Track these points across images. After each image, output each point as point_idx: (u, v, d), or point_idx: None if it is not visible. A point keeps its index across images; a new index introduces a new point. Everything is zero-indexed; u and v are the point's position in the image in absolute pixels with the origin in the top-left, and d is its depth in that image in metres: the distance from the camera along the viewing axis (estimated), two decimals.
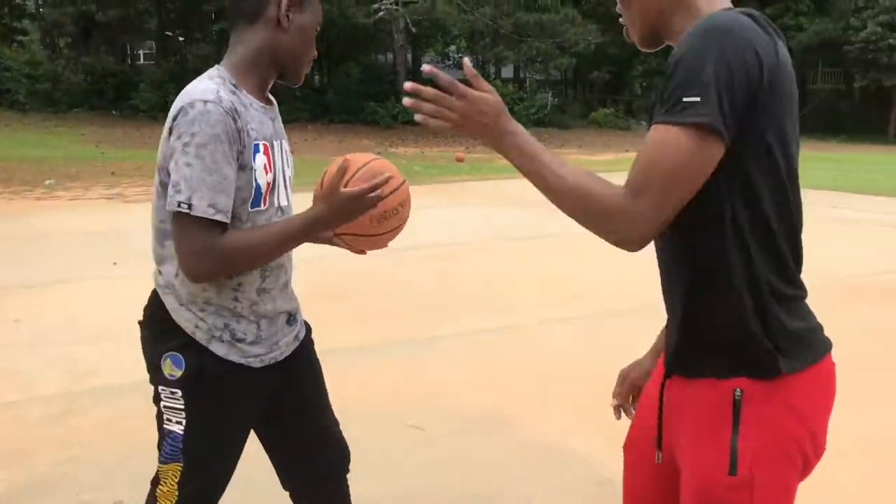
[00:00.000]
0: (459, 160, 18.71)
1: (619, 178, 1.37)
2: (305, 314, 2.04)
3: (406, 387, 4.22)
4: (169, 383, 1.78)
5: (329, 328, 5.05)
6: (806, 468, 1.45)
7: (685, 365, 1.46)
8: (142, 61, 39.09)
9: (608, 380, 3.82)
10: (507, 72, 38.77)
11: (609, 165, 17.77)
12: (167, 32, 33.11)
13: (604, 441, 3.37)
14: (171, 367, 1.78)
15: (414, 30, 29.02)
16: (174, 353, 1.77)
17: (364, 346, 4.85)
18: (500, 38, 28.44)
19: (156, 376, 1.81)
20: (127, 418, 3.73)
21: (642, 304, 5.86)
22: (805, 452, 1.42)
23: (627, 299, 5.81)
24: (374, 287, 6.30)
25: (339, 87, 31.27)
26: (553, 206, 1.40)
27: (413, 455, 3.37)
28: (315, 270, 6.85)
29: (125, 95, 30.10)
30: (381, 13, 27.06)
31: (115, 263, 7.07)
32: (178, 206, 1.64)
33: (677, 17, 1.45)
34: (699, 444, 1.42)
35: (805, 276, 1.44)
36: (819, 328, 1.46)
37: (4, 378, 4.27)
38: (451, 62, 40.53)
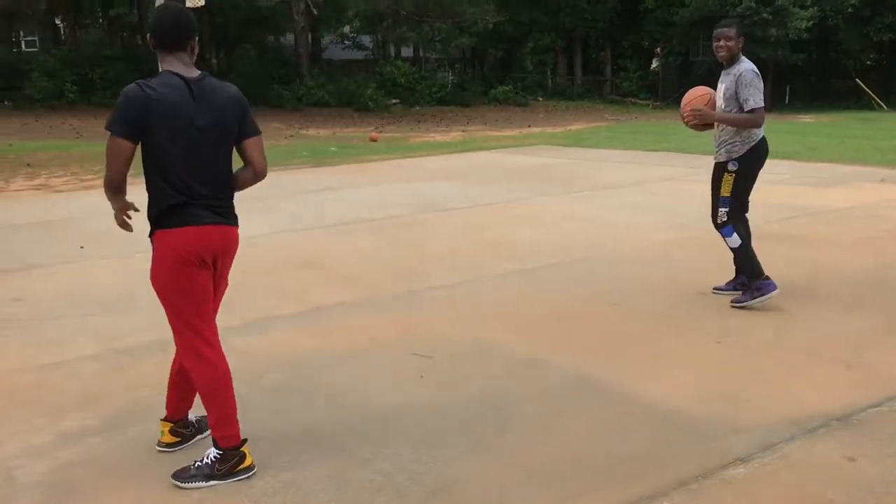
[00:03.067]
0: (373, 139, 19.33)
1: (526, 153, 2.18)
2: (279, 284, 2.79)
3: (403, 328, 4.96)
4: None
5: (307, 292, 5.76)
6: (200, 267, 3.05)
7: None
8: (24, 48, 37.64)
9: (565, 314, 4.96)
10: (406, 51, 39.36)
11: (516, 140, 18.79)
12: (56, 19, 32.11)
13: (569, 353, 4.30)
14: (733, 164, 5.20)
15: (315, 11, 29.25)
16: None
17: (345, 303, 5.56)
18: (402, 20, 29.03)
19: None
20: None
21: (574, 258, 6.82)
22: (189, 261, 3.00)
23: (563, 254, 6.78)
24: (339, 257, 6.99)
25: (243, 70, 31.20)
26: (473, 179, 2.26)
27: (429, 375, 4.16)
28: (277, 247, 7.51)
29: (16, 85, 29.14)
30: None
31: (82, 247, 7.51)
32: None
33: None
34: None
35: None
36: (196, 211, 3.02)
37: (39, 345, 4.78)
38: (349, 43, 40.75)
